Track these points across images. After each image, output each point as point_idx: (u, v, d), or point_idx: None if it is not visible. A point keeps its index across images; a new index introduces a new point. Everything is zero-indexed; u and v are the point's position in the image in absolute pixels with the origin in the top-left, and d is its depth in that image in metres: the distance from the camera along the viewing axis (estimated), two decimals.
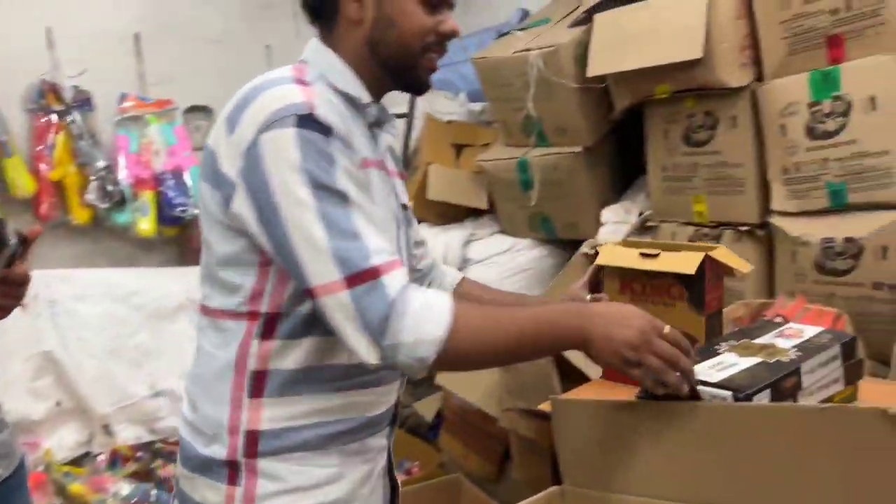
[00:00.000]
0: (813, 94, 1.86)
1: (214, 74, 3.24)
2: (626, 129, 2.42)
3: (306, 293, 0.94)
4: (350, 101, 1.04)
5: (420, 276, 1.30)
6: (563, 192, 2.46)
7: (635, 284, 1.36)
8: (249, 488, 1.00)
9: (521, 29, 2.53)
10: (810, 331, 1.15)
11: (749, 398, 0.91)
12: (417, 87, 1.10)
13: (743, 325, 1.76)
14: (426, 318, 0.90)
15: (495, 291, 1.33)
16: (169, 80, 3.06)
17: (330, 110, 0.95)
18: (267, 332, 0.99)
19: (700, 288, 1.32)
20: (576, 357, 1.77)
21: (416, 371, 0.93)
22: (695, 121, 2.12)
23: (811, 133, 1.87)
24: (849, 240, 1.84)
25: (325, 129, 0.92)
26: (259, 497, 1.00)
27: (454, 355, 0.92)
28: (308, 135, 0.91)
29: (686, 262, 1.31)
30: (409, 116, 2.86)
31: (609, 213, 2.39)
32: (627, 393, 1.04)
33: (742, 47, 1.99)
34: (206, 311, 1.07)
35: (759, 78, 2.00)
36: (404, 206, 1.16)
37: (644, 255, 1.39)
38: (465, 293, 1.29)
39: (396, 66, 1.05)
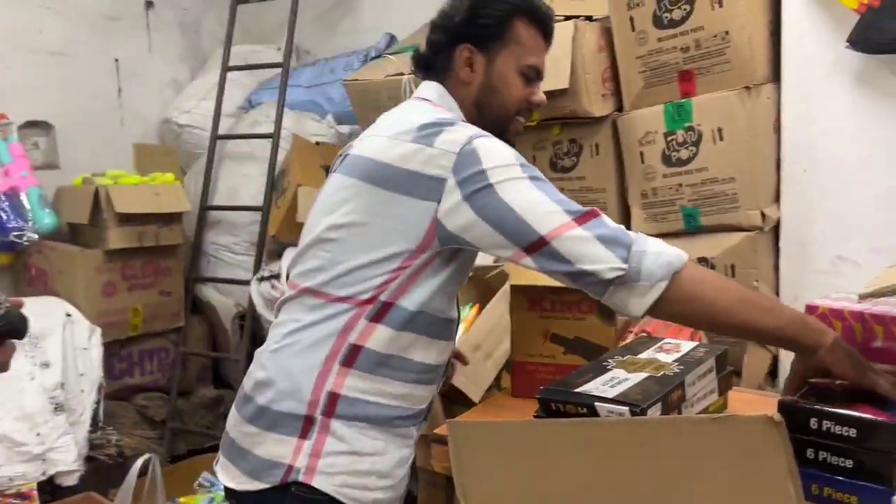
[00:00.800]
0: (668, 124, 2.00)
1: (56, 88, 2.98)
2: None
3: (525, 251, 1.04)
4: None
5: None
6: None
7: (545, 302, 1.40)
8: (318, 443, 1.10)
9: (392, 53, 2.54)
10: (686, 345, 1.22)
11: (644, 412, 0.94)
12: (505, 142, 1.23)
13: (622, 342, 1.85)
14: (664, 251, 1.00)
15: None
16: (2, 93, 2.77)
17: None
18: (377, 317, 1.10)
19: None
20: (459, 379, 1.77)
21: (648, 292, 0.98)
22: (561, 148, 2.22)
23: (667, 160, 2.02)
24: (702, 259, 1.99)
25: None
26: (325, 453, 1.10)
27: (685, 290, 0.98)
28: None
29: None
30: (274, 137, 2.77)
31: None
32: (518, 416, 1.05)
33: (604, 79, 2.11)
34: (319, 294, 1.13)
35: (620, 108, 2.13)
36: None
37: None
38: None
39: (493, 125, 1.17)
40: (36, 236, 2.59)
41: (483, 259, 2.36)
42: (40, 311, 2.37)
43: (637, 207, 2.11)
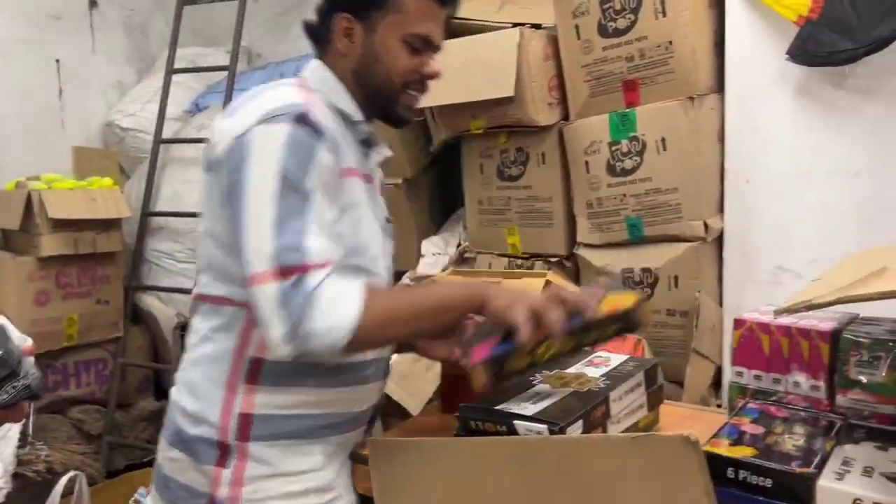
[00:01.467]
0: (612, 134, 1.99)
1: None
2: (445, 163, 2.45)
3: (246, 281, 0.97)
4: (343, 116, 1.10)
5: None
6: None
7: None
8: (238, 469, 1.02)
9: None
10: (616, 359, 1.19)
11: (563, 430, 0.91)
12: (395, 119, 1.16)
13: None
14: (338, 305, 0.94)
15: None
16: None
17: (324, 117, 1.02)
18: None
19: None
20: (396, 391, 1.73)
21: (326, 357, 0.97)
22: (508, 156, 2.19)
23: (612, 170, 2.00)
24: (645, 270, 1.98)
25: (317, 132, 0.99)
26: (247, 479, 1.03)
27: (361, 340, 0.96)
28: (298, 134, 0.97)
29: (530, 287, 1.32)
30: None
31: (428, 245, 2.40)
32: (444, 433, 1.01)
33: (550, 87, 2.09)
34: (206, 298, 1.08)
35: (567, 117, 2.11)
36: (388, 220, 1.21)
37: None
38: None
39: (377, 98, 1.12)
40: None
41: (425, 269, 2.32)
42: None
43: (582, 217, 2.10)
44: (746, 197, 1.93)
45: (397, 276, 2.41)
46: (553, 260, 2.16)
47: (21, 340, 1.26)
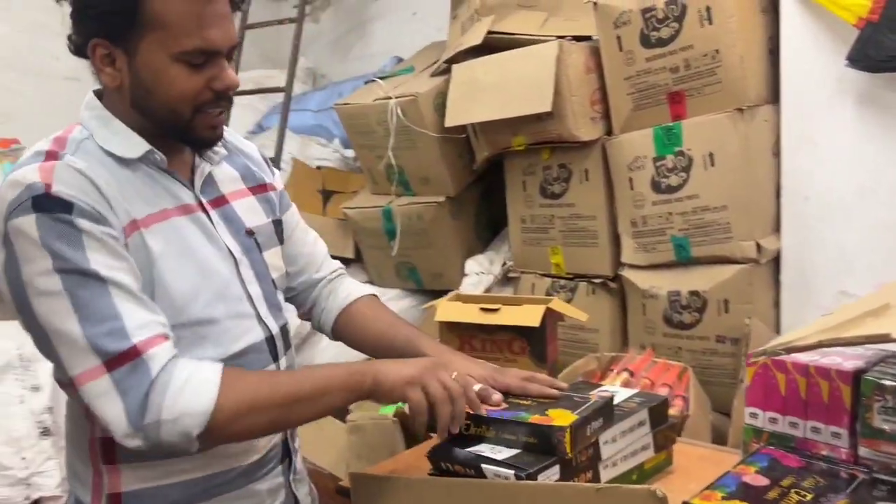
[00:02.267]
0: (657, 148, 1.88)
1: (69, 112, 3.04)
2: (490, 180, 2.40)
3: (71, 385, 0.88)
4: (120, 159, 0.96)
5: (298, 292, 1.24)
6: (427, 242, 2.40)
7: (475, 341, 1.30)
8: None
9: (384, 77, 2.49)
10: (623, 394, 1.10)
11: (534, 476, 0.84)
12: (199, 144, 1.01)
13: (594, 380, 1.73)
14: (189, 393, 0.86)
15: (386, 317, 1.22)
16: (15, 118, 2.84)
17: (72, 185, 0.89)
18: None
19: (541, 340, 1.28)
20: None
21: (183, 448, 0.88)
22: (550, 173, 2.12)
23: (656, 187, 1.89)
24: (693, 293, 1.86)
25: (65, 206, 0.87)
26: None
27: (223, 427, 0.88)
28: (47, 217, 0.86)
29: (529, 316, 1.26)
30: (276, 161, 2.75)
31: (472, 264, 2.35)
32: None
33: (592, 101, 2.01)
34: (56, 377, 0.99)
35: (610, 132, 2.02)
36: (249, 232, 1.07)
37: (484, 310, 1.34)
38: (354, 314, 1.22)
39: (169, 128, 0.97)
40: None
41: (468, 288, 2.27)
42: None
43: (627, 237, 1.99)
44: (805, 216, 1.78)
45: (442, 294, 2.38)
46: (597, 281, 2.07)
47: None
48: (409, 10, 3.15)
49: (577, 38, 2.03)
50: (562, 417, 0.91)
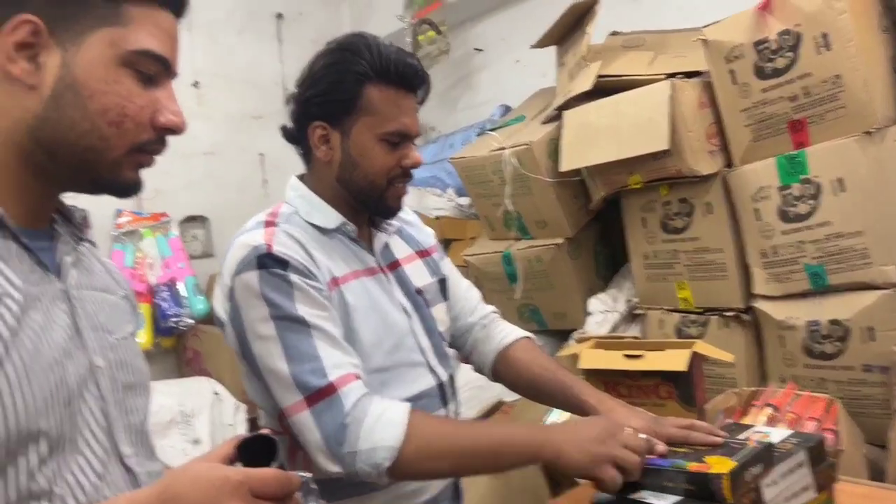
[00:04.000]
0: (782, 177, 1.86)
1: (209, 184, 3.34)
2: (607, 218, 2.43)
3: (282, 415, 1.05)
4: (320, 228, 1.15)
5: (457, 336, 1.36)
6: (548, 284, 2.45)
7: (620, 387, 1.32)
8: None
9: (495, 129, 2.59)
10: (777, 434, 1.10)
11: None
12: (386, 213, 1.19)
13: (733, 417, 1.71)
14: (381, 428, 0.98)
15: (542, 361, 1.31)
16: (163, 194, 3.14)
17: (288, 246, 1.07)
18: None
19: (689, 384, 1.29)
20: None
21: (374, 477, 1.00)
22: (670, 208, 2.13)
23: (784, 216, 1.87)
24: (834, 322, 1.80)
25: (282, 263, 1.04)
26: None
27: (409, 463, 0.98)
28: (267, 272, 1.04)
29: (675, 360, 1.28)
30: None
31: (596, 303, 2.37)
32: None
33: (708, 135, 2.02)
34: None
35: (729, 164, 2.01)
36: (419, 291, 1.22)
37: (628, 357, 1.35)
38: (511, 359, 1.32)
39: (366, 198, 1.15)
40: (191, 321, 2.87)
41: (593, 328, 2.29)
42: (193, 391, 2.61)
43: (758, 268, 1.97)
44: None
45: (565, 334, 2.42)
46: (729, 314, 2.04)
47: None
48: (512, 59, 3.25)
49: (687, 75, 2.05)
50: (720, 464, 0.93)
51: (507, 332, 1.36)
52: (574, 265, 2.40)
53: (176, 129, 0.77)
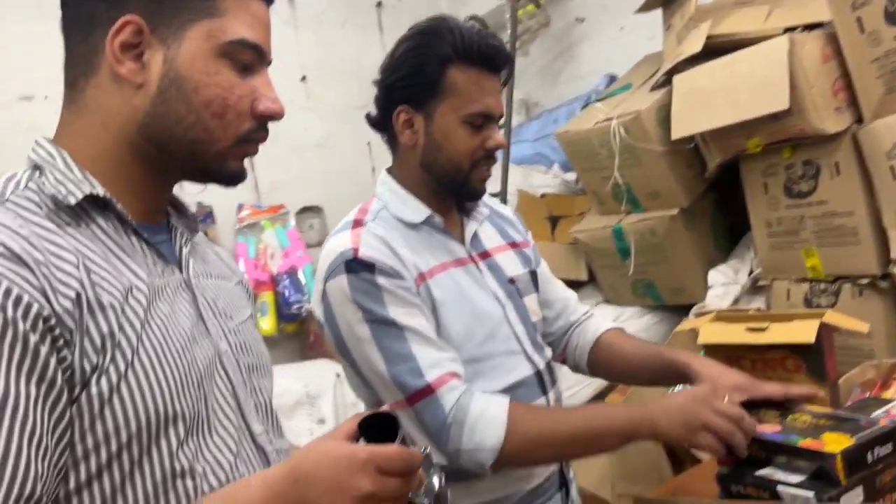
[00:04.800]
0: None
1: (321, 176, 3.45)
2: (725, 186, 2.32)
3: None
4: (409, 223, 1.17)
5: (556, 336, 1.38)
6: (663, 257, 2.37)
7: (744, 361, 1.27)
8: None
9: (601, 99, 2.52)
10: None
11: (835, 500, 0.82)
12: (471, 196, 1.20)
13: (872, 391, 1.60)
14: (482, 427, 1.00)
15: (633, 342, 1.34)
16: (280, 187, 3.28)
17: (374, 248, 1.09)
18: None
19: (819, 356, 1.22)
20: None
21: (480, 471, 1.03)
22: (794, 171, 2.00)
23: None
24: None
25: (369, 267, 1.07)
26: None
27: (511, 458, 1.01)
28: (356, 277, 1.07)
29: (802, 332, 1.21)
30: (502, 195, 2.89)
31: (716, 275, 2.27)
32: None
33: (834, 91, 1.87)
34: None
35: (859, 120, 1.86)
36: (511, 280, 1.22)
37: (751, 330, 1.29)
38: (604, 345, 1.34)
39: (450, 182, 1.16)
40: (310, 307, 2.99)
41: (714, 301, 2.19)
42: (316, 373, 2.73)
43: (895, 230, 1.82)
44: None
45: (683, 309, 2.33)
46: (864, 282, 1.90)
47: None
48: (617, 26, 3.15)
49: (808, 27, 1.91)
50: (836, 442, 0.87)
51: (599, 325, 1.38)
52: (690, 237, 2.31)
53: (275, 116, 0.78)
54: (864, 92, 1.82)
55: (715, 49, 2.06)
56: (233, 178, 0.80)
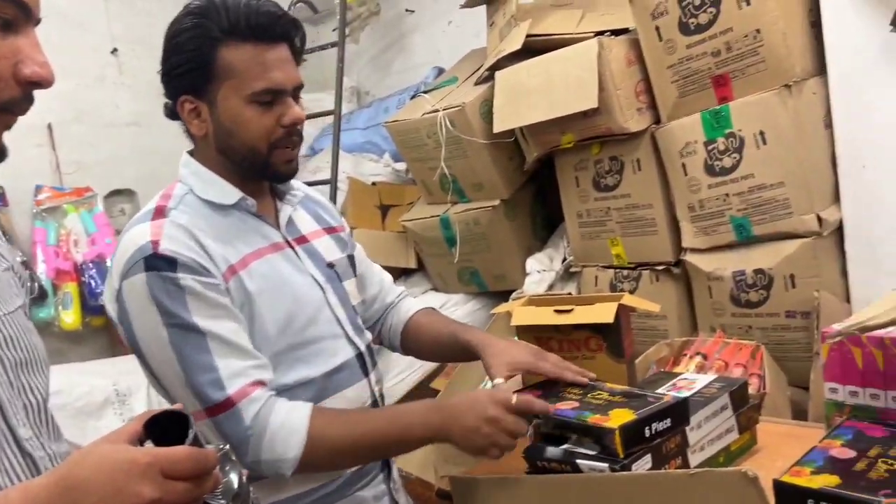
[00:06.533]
0: (707, 132, 1.90)
1: (135, 156, 3.22)
2: (544, 178, 2.45)
3: None
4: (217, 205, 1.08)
5: (374, 318, 1.38)
6: (486, 246, 2.47)
7: (552, 342, 1.35)
8: None
9: (427, 91, 2.56)
10: (703, 380, 1.14)
11: (627, 467, 0.89)
12: (278, 178, 1.13)
13: (665, 367, 1.77)
14: (282, 439, 0.99)
15: (439, 320, 1.37)
16: (85, 168, 3.01)
17: (177, 241, 1.01)
18: None
19: (617, 336, 1.32)
20: None
21: (281, 480, 1.04)
22: (602, 166, 2.16)
23: (710, 170, 1.92)
24: (758, 271, 1.87)
25: (171, 263, 0.98)
26: None
27: (312, 466, 1.01)
28: (157, 275, 0.97)
29: (602, 313, 1.31)
30: (332, 182, 2.86)
31: (533, 263, 2.40)
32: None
33: (637, 93, 2.04)
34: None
35: (658, 120, 2.04)
36: (330, 265, 1.19)
37: (558, 312, 1.38)
38: (414, 325, 1.36)
39: (251, 166, 1.08)
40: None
41: (531, 287, 2.32)
42: (126, 370, 2.54)
43: (686, 222, 2.02)
44: (864, 184, 1.78)
45: (505, 295, 2.44)
46: (660, 268, 2.10)
47: None
48: (445, 20, 3.22)
49: (615, 32, 2.07)
50: (619, 417, 0.95)
51: (411, 306, 1.39)
52: (511, 226, 2.42)
53: (43, 83, 0.66)
54: (662, 95, 2.00)
55: (534, 48, 2.16)
56: None
